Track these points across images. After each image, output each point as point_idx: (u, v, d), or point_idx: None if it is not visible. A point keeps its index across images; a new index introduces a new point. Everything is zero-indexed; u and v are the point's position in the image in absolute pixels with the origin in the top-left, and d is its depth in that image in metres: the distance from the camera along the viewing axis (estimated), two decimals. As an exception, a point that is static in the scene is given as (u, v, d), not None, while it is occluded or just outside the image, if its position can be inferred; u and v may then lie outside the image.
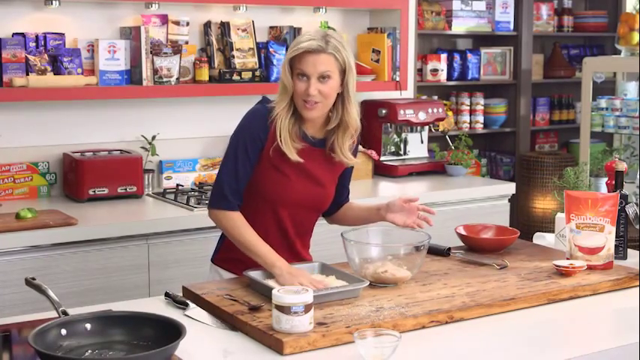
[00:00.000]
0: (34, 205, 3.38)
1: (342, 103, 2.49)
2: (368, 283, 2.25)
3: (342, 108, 2.49)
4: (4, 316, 2.35)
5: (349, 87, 2.47)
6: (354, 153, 2.63)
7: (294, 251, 2.60)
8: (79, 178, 3.58)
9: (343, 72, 2.45)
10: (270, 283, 2.24)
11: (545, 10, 5.75)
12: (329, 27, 4.23)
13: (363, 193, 4.01)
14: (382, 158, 4.44)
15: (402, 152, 4.55)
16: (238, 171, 2.47)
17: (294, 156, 2.45)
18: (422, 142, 4.61)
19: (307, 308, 1.94)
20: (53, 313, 2.09)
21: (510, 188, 4.31)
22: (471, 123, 5.45)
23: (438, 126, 5.01)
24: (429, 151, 4.66)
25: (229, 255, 2.58)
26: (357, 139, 2.62)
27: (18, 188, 3.64)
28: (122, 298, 2.83)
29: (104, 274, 3.20)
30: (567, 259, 2.57)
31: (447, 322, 2.12)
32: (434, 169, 4.49)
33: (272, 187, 2.50)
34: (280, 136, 2.44)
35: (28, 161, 3.66)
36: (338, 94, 2.47)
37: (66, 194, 3.71)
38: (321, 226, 3.65)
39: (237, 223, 2.45)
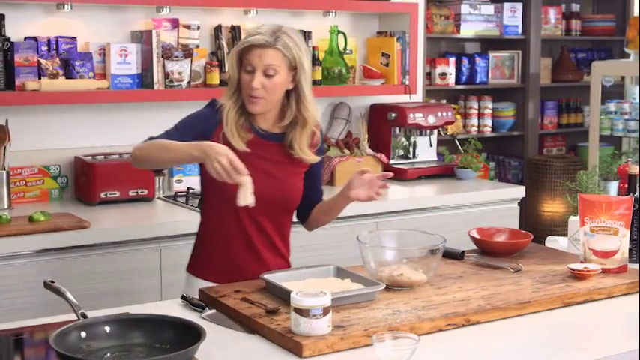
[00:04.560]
0: (46, 208, 3.39)
1: (297, 100, 2.50)
2: (384, 286, 2.25)
3: (296, 104, 2.51)
4: (17, 319, 2.36)
5: (302, 84, 2.48)
6: (319, 152, 2.62)
7: (261, 260, 2.54)
8: (90, 181, 3.59)
9: (294, 69, 2.46)
10: (288, 286, 2.23)
11: (553, 13, 5.75)
12: (339, 31, 4.23)
13: (373, 196, 4.01)
14: (391, 162, 4.45)
15: (410, 156, 4.56)
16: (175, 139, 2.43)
17: (240, 145, 2.45)
18: (431, 145, 4.62)
19: (326, 311, 1.94)
20: (65, 317, 2.11)
21: (520, 192, 4.31)
22: (479, 127, 5.45)
23: (447, 130, 5.02)
24: (438, 154, 4.67)
25: (199, 262, 2.59)
26: (319, 138, 2.60)
27: (30, 192, 3.65)
28: (135, 301, 2.83)
29: (117, 277, 3.20)
30: (581, 262, 2.58)
31: (463, 325, 2.12)
32: (443, 172, 4.49)
33: (229, 185, 2.35)
34: (227, 126, 2.46)
35: (39, 165, 3.68)
36: (290, 90, 2.49)
37: (77, 198, 3.72)
38: (338, 229, 3.68)
39: (154, 142, 2.43)
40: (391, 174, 2.59)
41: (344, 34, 4.28)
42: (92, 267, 3.16)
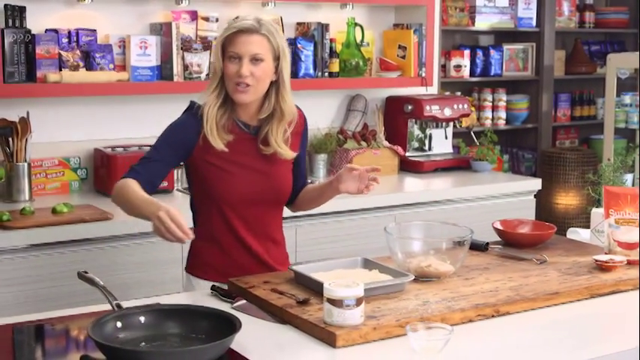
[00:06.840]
0: (66, 200, 3.41)
1: (277, 91, 2.45)
2: (413, 277, 2.27)
3: (275, 96, 2.45)
4: (38, 311, 2.37)
5: (284, 74, 2.44)
6: (303, 138, 2.60)
7: (257, 258, 2.52)
8: (110, 173, 3.60)
9: (277, 58, 2.43)
10: (317, 277, 2.24)
11: (566, 6, 5.75)
12: (356, 23, 4.24)
13: (389, 188, 4.02)
14: (407, 154, 4.46)
15: (426, 148, 4.56)
16: (155, 162, 2.45)
17: (218, 144, 2.40)
18: (446, 137, 4.62)
19: (359, 302, 1.95)
20: (97, 307, 2.12)
21: (536, 184, 4.32)
22: (493, 119, 5.46)
23: (462, 122, 5.02)
24: (453, 146, 4.67)
25: (198, 260, 2.55)
26: (303, 129, 2.58)
27: (50, 183, 3.67)
28: (158, 292, 2.86)
29: (140, 268, 3.22)
30: (606, 253, 2.59)
31: (493, 316, 2.14)
32: (459, 164, 4.50)
33: (216, 185, 2.44)
34: (207, 124, 2.39)
35: (59, 156, 3.69)
36: (272, 81, 2.45)
37: (97, 189, 3.74)
38: (354, 221, 3.70)
39: (128, 183, 2.35)
40: (380, 168, 2.54)
41: (361, 26, 4.29)
42: (115, 258, 3.17)
